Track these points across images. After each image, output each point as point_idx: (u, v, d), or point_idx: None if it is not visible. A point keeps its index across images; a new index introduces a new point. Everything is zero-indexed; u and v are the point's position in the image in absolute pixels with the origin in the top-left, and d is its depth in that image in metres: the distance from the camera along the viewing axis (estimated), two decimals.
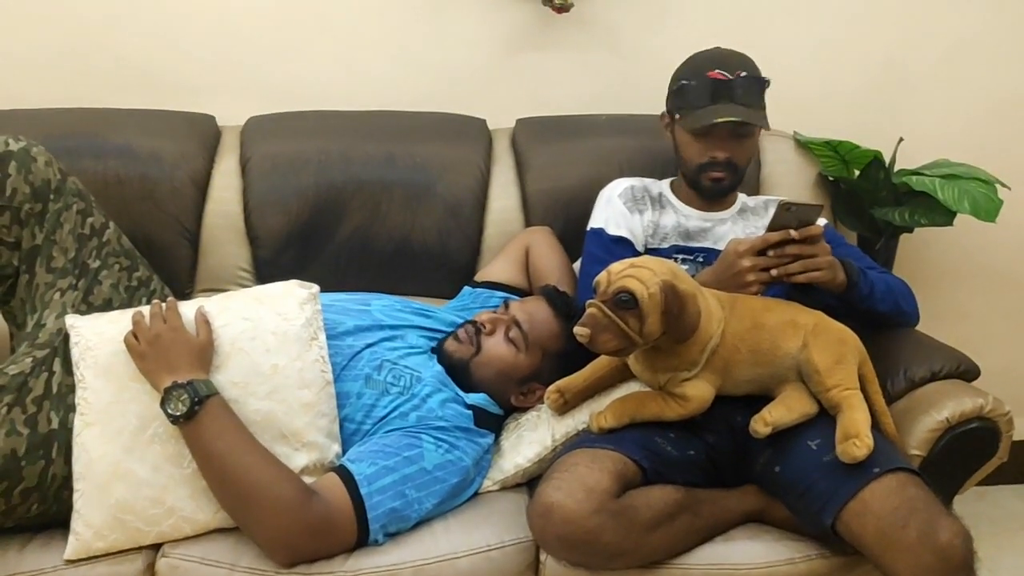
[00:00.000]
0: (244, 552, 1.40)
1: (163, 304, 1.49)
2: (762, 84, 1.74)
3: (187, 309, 1.51)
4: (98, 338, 1.47)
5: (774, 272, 1.53)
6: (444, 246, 1.99)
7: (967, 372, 1.64)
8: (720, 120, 1.67)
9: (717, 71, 1.70)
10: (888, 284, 1.69)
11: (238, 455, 1.38)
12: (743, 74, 1.71)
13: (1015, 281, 2.40)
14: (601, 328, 1.40)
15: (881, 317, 1.68)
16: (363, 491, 1.40)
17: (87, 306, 1.57)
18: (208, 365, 1.45)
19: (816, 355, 1.47)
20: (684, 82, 1.73)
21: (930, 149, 2.17)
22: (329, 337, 1.57)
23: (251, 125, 2.06)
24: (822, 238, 1.55)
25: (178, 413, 1.38)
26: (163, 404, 1.39)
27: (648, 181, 1.89)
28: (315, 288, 1.59)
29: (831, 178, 2.12)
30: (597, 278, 1.45)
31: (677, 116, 1.76)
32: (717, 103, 1.69)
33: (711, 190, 1.78)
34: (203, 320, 1.48)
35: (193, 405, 1.38)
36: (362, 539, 1.41)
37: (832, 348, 1.48)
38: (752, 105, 1.71)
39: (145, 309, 1.49)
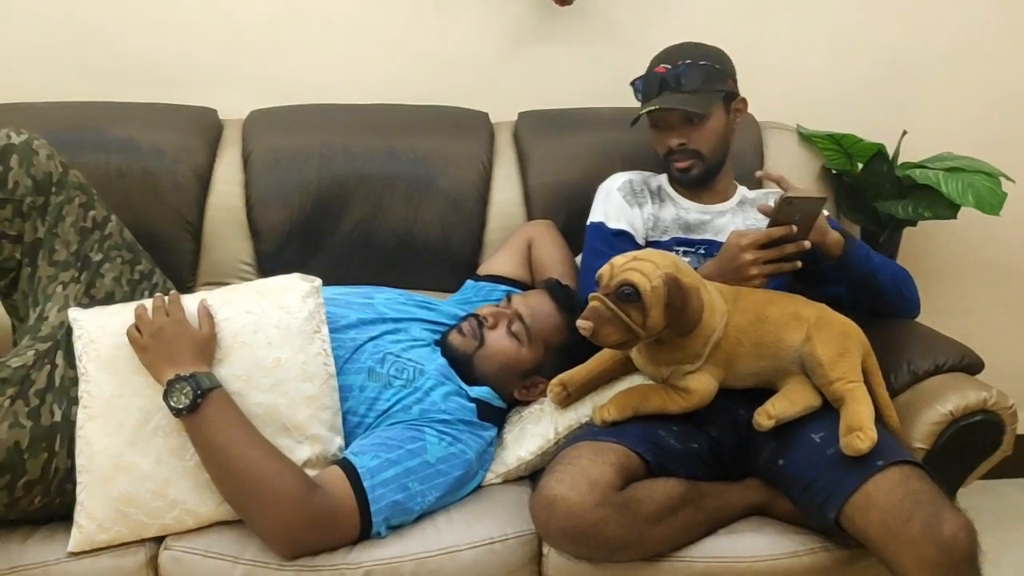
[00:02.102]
0: (247, 545, 1.40)
1: (165, 297, 1.49)
2: (703, 70, 1.74)
3: (190, 302, 1.51)
4: (101, 331, 1.47)
5: (786, 267, 1.52)
6: (446, 240, 1.99)
7: (971, 365, 1.64)
8: (645, 110, 1.73)
9: (661, 65, 1.77)
10: (886, 262, 1.69)
11: (241, 448, 1.38)
12: (683, 63, 1.74)
13: (1019, 275, 2.39)
14: (604, 321, 1.40)
15: (882, 291, 1.66)
16: (366, 484, 1.40)
17: (89, 299, 1.57)
18: (211, 358, 1.45)
19: (819, 348, 1.46)
20: (637, 80, 1.80)
21: (934, 142, 2.16)
22: (332, 330, 1.56)
23: (253, 119, 2.05)
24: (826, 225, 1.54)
25: (181, 406, 1.38)
26: (166, 397, 1.39)
27: (647, 174, 1.89)
28: (317, 281, 1.59)
29: (834, 171, 2.12)
30: (600, 271, 1.45)
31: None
32: (657, 95, 1.74)
33: (680, 180, 1.81)
34: (206, 313, 1.48)
35: (196, 398, 1.38)
36: (365, 532, 1.41)
37: (835, 341, 1.48)
38: (699, 91, 1.73)
39: (147, 302, 1.49)
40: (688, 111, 1.72)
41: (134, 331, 1.45)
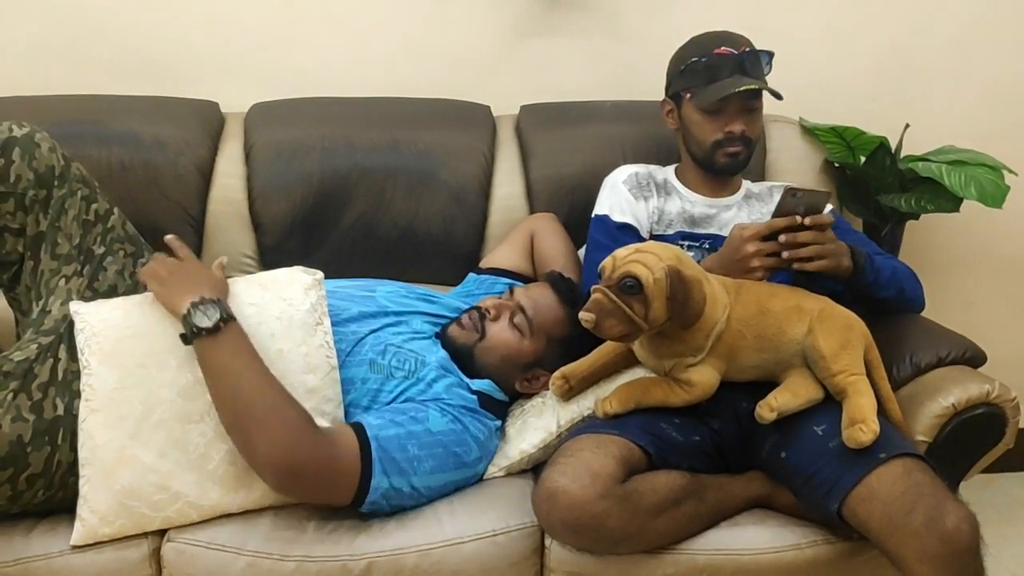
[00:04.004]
0: (250, 537, 1.41)
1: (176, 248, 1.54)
2: (767, 56, 1.74)
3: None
4: (103, 324, 1.47)
5: (784, 255, 1.52)
6: (448, 233, 1.99)
7: (974, 358, 1.64)
8: (741, 89, 1.67)
9: (723, 47, 1.71)
10: (893, 270, 1.68)
11: (252, 375, 1.38)
12: (748, 49, 1.72)
13: (1022, 267, 2.39)
14: (606, 314, 1.40)
15: (884, 303, 1.67)
16: (370, 434, 1.41)
17: (92, 292, 1.57)
18: (227, 297, 1.47)
19: (822, 340, 1.46)
20: (693, 60, 1.73)
21: (936, 135, 2.16)
22: (334, 323, 1.56)
23: (255, 112, 2.05)
24: (830, 228, 1.54)
25: (204, 325, 1.38)
26: (187, 317, 1.39)
27: (653, 167, 1.88)
28: (319, 274, 1.59)
29: (837, 164, 2.11)
30: (602, 263, 1.45)
31: (687, 95, 1.76)
32: (728, 77, 1.70)
33: (727, 166, 1.77)
34: (219, 265, 1.55)
35: (219, 320, 1.39)
36: (364, 485, 1.39)
37: (838, 333, 1.48)
38: (760, 77, 1.73)
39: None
40: (778, 95, 1.72)
41: (150, 268, 1.48)
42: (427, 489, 1.48)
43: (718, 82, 1.70)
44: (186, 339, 1.40)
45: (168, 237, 1.56)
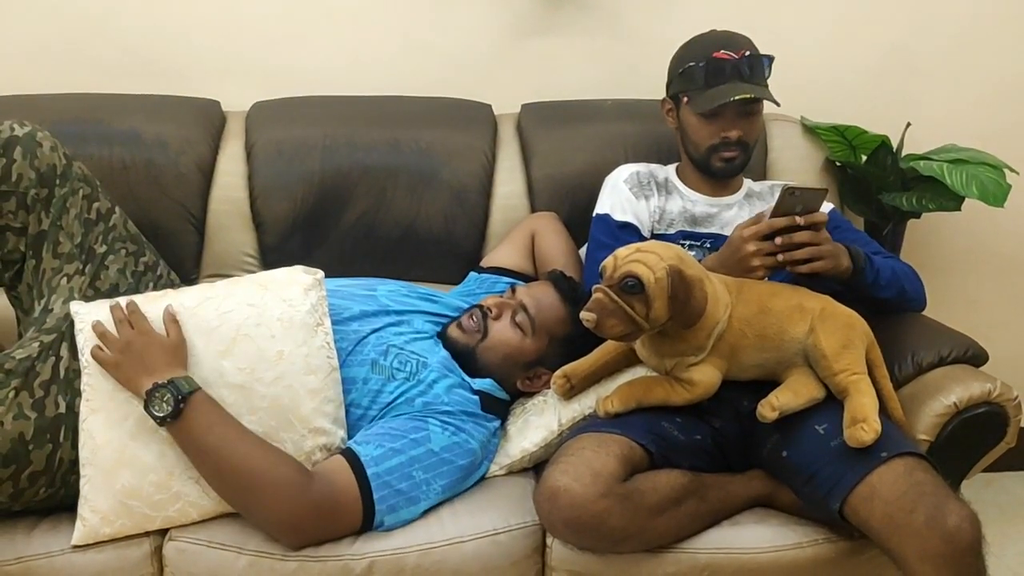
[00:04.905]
0: (251, 535, 1.41)
1: (124, 308, 1.47)
2: (768, 60, 1.73)
3: (152, 307, 1.48)
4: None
5: (780, 258, 1.52)
6: (450, 232, 1.99)
7: (975, 357, 1.64)
8: (736, 98, 1.66)
9: (723, 51, 1.70)
10: (894, 270, 1.68)
11: (232, 445, 1.38)
12: (748, 53, 1.71)
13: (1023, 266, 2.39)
14: (607, 313, 1.40)
15: (885, 304, 1.67)
16: (369, 472, 1.41)
17: (94, 291, 1.57)
18: (185, 362, 1.43)
19: (823, 340, 1.46)
20: (691, 64, 1.72)
21: (938, 134, 2.16)
22: (335, 322, 1.56)
23: (256, 111, 2.05)
24: (824, 227, 1.54)
25: (163, 414, 1.36)
26: (147, 407, 1.37)
27: (654, 166, 1.88)
28: (320, 274, 1.59)
29: (838, 163, 2.11)
30: (603, 263, 1.45)
31: (685, 99, 1.75)
32: (727, 83, 1.69)
33: (722, 170, 1.77)
34: (171, 319, 1.46)
35: (178, 403, 1.36)
36: (368, 520, 1.41)
37: (839, 333, 1.48)
38: (759, 82, 1.72)
39: (104, 315, 1.46)
40: (775, 102, 1.71)
41: (99, 351, 1.42)
42: (438, 499, 1.48)
43: (715, 87, 1.69)
44: (159, 423, 1.38)
45: (114, 308, 1.47)
